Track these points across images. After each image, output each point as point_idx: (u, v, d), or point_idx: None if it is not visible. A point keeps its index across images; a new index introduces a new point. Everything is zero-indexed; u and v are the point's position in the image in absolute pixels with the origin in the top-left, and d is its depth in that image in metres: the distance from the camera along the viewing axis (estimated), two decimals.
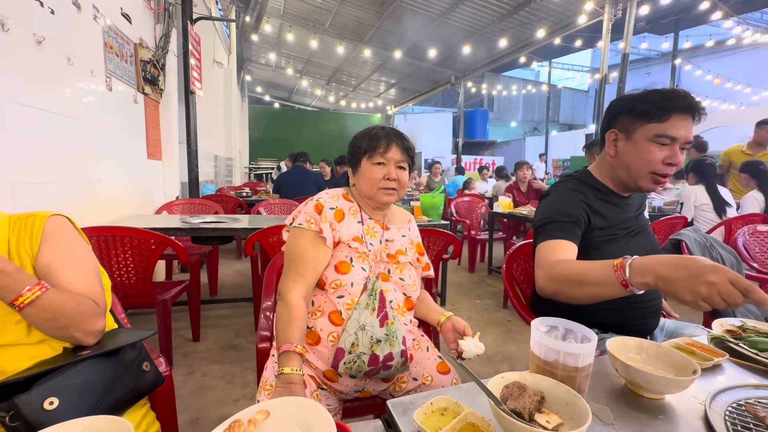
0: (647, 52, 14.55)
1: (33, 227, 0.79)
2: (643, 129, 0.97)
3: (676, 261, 0.68)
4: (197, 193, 3.89)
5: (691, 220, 3.13)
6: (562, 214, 1.02)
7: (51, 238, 0.80)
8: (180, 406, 1.61)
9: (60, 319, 0.71)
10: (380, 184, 1.00)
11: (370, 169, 1.01)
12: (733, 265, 1.95)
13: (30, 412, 0.65)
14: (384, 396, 1.05)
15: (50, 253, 0.78)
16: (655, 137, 0.95)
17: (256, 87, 13.70)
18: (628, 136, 1.00)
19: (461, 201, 4.58)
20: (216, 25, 5.75)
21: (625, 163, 1.02)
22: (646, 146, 0.97)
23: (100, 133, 2.34)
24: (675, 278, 0.67)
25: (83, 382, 0.72)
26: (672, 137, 0.94)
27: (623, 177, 1.05)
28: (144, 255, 1.80)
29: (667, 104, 0.94)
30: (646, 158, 0.97)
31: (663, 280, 0.68)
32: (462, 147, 11.30)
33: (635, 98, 0.99)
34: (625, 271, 0.73)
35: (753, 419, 0.60)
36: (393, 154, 1.01)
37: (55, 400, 0.67)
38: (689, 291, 0.64)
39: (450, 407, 0.62)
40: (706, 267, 0.64)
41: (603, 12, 5.55)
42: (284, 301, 0.92)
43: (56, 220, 0.82)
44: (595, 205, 1.06)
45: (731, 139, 9.92)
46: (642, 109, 0.97)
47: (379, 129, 1.04)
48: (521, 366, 2.04)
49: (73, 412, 0.69)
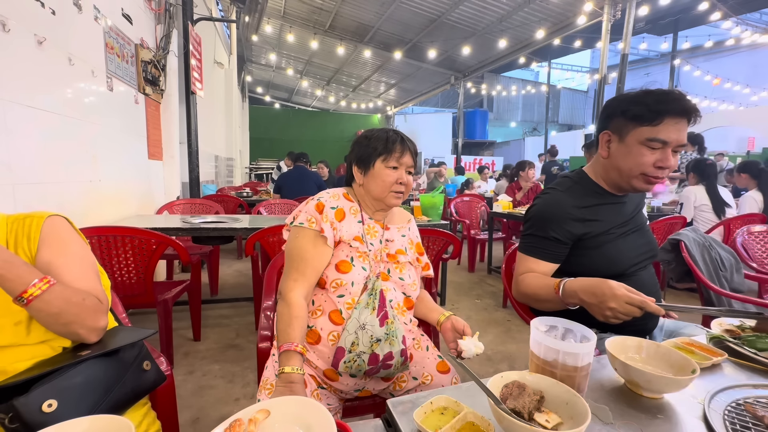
0: (646, 53, 14.55)
1: (30, 228, 0.79)
2: (635, 132, 0.97)
3: (590, 288, 0.86)
4: (198, 193, 3.90)
5: (690, 221, 3.13)
6: (543, 229, 1.06)
7: (50, 239, 0.79)
8: (181, 405, 1.61)
9: (65, 314, 0.71)
10: (393, 187, 1.01)
11: (384, 172, 1.01)
12: (732, 264, 1.95)
13: (29, 414, 0.64)
14: (384, 395, 1.05)
15: (50, 252, 0.78)
16: (647, 141, 0.95)
17: (257, 87, 13.69)
18: (621, 139, 1.00)
19: (461, 201, 4.58)
20: (216, 25, 5.76)
21: (616, 164, 1.02)
22: (637, 149, 0.97)
23: (101, 134, 2.35)
24: (588, 303, 0.86)
25: (82, 382, 0.72)
26: (663, 141, 0.94)
27: (615, 178, 1.05)
28: (145, 255, 1.81)
29: (660, 108, 0.93)
30: (637, 161, 0.97)
31: (583, 303, 0.88)
32: (462, 147, 11.30)
33: (629, 100, 0.99)
34: (560, 293, 0.92)
35: (752, 418, 0.60)
36: (407, 159, 1.03)
37: (54, 402, 0.67)
38: (599, 314, 0.84)
39: (450, 406, 0.63)
40: (606, 296, 0.82)
41: (602, 12, 5.55)
42: (285, 300, 0.92)
43: (54, 220, 0.82)
44: (587, 213, 1.05)
45: (730, 139, 9.96)
46: (635, 113, 0.96)
47: (392, 133, 1.05)
48: (521, 365, 2.04)
49: (73, 414, 0.68)
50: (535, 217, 1.09)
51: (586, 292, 0.86)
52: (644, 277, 1.10)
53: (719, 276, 1.89)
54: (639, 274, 1.09)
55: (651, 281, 1.12)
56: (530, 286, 1.02)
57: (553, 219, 1.05)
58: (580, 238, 1.05)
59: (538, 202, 1.12)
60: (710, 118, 10.04)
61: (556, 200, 1.08)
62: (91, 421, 0.54)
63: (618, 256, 1.05)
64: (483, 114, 16.93)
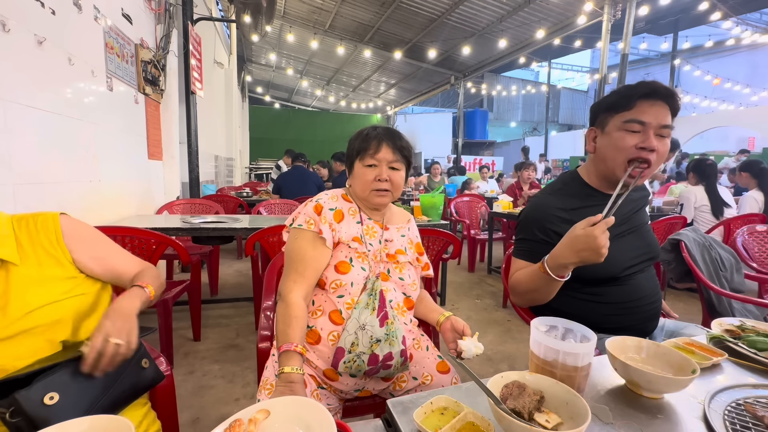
0: (646, 53, 14.55)
1: (47, 225, 0.84)
2: (614, 119, 1.01)
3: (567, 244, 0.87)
4: (198, 193, 3.90)
5: (691, 221, 3.13)
6: (533, 232, 1.07)
7: (78, 236, 0.88)
8: (181, 405, 1.61)
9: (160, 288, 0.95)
10: (372, 185, 0.99)
11: (362, 171, 1.00)
12: (732, 264, 1.95)
13: (30, 407, 0.65)
14: (384, 395, 1.05)
15: (92, 250, 0.90)
16: (624, 124, 0.98)
17: (257, 87, 13.70)
18: (603, 130, 1.04)
19: (461, 201, 4.58)
20: (216, 25, 5.76)
21: (602, 155, 1.05)
22: (618, 134, 0.99)
23: (101, 134, 2.35)
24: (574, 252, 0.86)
25: (83, 377, 0.73)
26: (640, 122, 0.96)
27: (603, 170, 1.06)
28: (145, 255, 1.80)
29: (630, 91, 0.98)
30: (618, 145, 0.99)
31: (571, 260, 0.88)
32: (462, 147, 11.30)
33: (607, 95, 1.05)
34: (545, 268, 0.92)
35: (752, 418, 0.60)
36: (384, 155, 0.99)
37: (56, 395, 0.68)
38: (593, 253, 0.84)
39: (450, 406, 0.63)
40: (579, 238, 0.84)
41: (602, 12, 5.56)
42: (285, 300, 0.92)
43: (66, 218, 0.89)
44: (572, 215, 1.03)
45: (730, 139, 9.96)
46: (609, 102, 1.02)
47: (370, 129, 1.03)
48: (521, 365, 2.05)
49: (74, 408, 0.70)
50: (523, 221, 1.13)
51: (566, 250, 0.87)
52: (641, 280, 1.08)
53: (719, 276, 1.89)
54: (636, 278, 1.07)
55: (650, 284, 1.10)
56: (521, 281, 1.03)
57: (539, 221, 1.07)
58: None
59: (527, 207, 1.16)
60: (710, 118, 10.05)
61: (541, 203, 1.11)
62: (91, 421, 0.54)
63: (608, 258, 1.00)
64: (483, 114, 16.93)
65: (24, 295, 0.77)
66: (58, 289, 0.81)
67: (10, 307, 0.75)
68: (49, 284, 0.81)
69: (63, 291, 0.82)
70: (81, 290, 0.85)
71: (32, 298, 0.77)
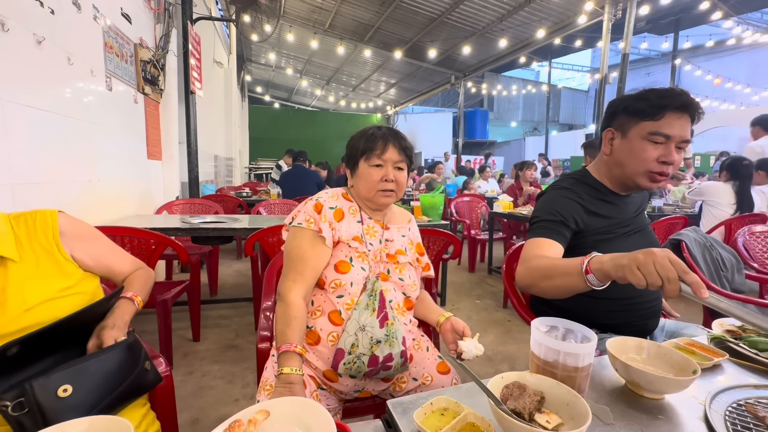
0: (647, 52, 14.54)
1: (46, 222, 0.85)
2: (638, 127, 0.97)
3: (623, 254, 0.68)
4: (197, 193, 3.89)
5: (695, 219, 3.13)
6: (551, 213, 1.03)
7: (76, 233, 0.90)
8: (180, 405, 1.61)
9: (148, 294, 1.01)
10: (378, 186, 0.99)
11: (368, 171, 1.00)
12: (733, 264, 1.94)
13: (44, 397, 0.66)
14: (384, 396, 1.05)
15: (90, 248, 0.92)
16: (649, 135, 0.95)
17: (256, 87, 13.69)
18: (624, 135, 1.01)
19: (461, 201, 4.57)
20: (216, 25, 5.75)
21: (619, 160, 1.02)
22: (640, 144, 0.97)
23: (100, 133, 2.34)
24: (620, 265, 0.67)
25: (97, 372, 0.74)
26: (666, 135, 0.94)
27: (619, 175, 1.05)
28: (144, 255, 1.80)
29: (662, 102, 0.94)
30: (640, 156, 0.97)
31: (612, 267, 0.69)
32: (462, 147, 11.30)
33: (632, 97, 1.00)
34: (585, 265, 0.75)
35: (753, 419, 0.60)
36: (390, 155, 0.99)
37: (69, 388, 0.69)
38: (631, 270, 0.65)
39: (450, 407, 0.62)
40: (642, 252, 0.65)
41: (603, 12, 5.55)
42: (284, 300, 0.92)
43: (64, 215, 0.90)
44: (591, 205, 1.06)
45: (731, 139, 9.94)
46: (637, 108, 0.97)
47: (375, 129, 1.03)
48: (521, 366, 2.04)
49: (81, 404, 0.70)
50: (543, 206, 1.08)
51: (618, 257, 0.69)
52: None
53: (720, 276, 1.88)
54: None
55: None
56: (547, 260, 0.90)
57: (562, 204, 1.04)
58: (581, 231, 1.04)
59: (545, 196, 1.12)
60: (711, 117, 10.03)
61: (563, 191, 1.09)
62: (91, 421, 0.54)
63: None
64: (483, 114, 16.92)
65: (22, 293, 0.78)
66: (55, 286, 0.82)
67: (8, 305, 0.76)
68: (46, 281, 0.81)
69: (60, 289, 0.82)
70: (78, 289, 0.86)
71: (30, 296, 0.78)
